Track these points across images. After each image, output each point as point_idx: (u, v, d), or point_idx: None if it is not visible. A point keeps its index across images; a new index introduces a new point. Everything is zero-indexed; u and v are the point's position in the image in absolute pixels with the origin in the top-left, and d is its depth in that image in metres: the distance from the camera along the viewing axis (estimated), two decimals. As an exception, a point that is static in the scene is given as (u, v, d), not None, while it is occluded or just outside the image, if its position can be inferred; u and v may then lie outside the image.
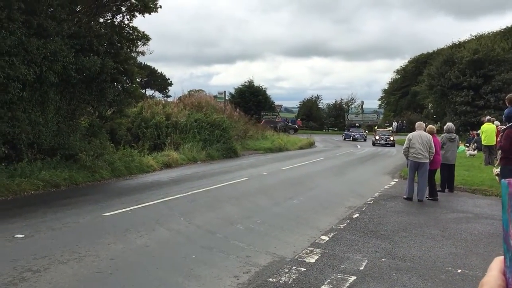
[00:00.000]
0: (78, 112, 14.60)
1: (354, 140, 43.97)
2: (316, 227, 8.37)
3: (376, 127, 49.36)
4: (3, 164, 11.46)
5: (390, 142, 36.33)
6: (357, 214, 9.57)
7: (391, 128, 50.66)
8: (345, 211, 9.92)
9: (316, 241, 7.35)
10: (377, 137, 37.64)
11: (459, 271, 5.99)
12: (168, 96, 56.45)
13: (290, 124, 55.27)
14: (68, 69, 12.76)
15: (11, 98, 11.51)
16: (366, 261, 6.32)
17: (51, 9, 12.63)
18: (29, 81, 11.73)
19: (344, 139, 45.06)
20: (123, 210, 9.30)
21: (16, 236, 7.04)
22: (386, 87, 75.66)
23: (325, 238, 7.55)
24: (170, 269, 5.76)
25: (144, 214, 9.08)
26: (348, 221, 8.88)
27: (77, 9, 14.01)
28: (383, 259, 6.43)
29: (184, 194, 11.32)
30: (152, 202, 10.21)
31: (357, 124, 51.28)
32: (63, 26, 12.57)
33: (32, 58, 11.66)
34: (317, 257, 6.44)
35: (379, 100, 77.75)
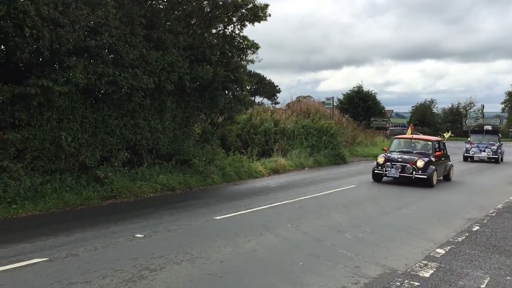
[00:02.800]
0: (192, 119, 15.37)
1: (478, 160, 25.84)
2: (430, 239, 7.88)
3: None
4: (126, 168, 12.44)
5: None
6: (477, 227, 8.86)
7: None
8: (463, 223, 9.23)
9: (431, 254, 6.92)
10: None
11: None
12: (277, 103, 57.39)
13: (400, 129, 53.01)
14: (183, 78, 13.51)
15: (133, 107, 12.49)
16: (488, 278, 5.81)
17: (169, 23, 13.49)
18: (149, 91, 12.63)
19: (466, 158, 26.01)
20: (233, 214, 9.58)
21: (136, 235, 7.58)
22: (510, 89, 69.36)
23: (441, 251, 7.08)
24: (277, 276, 5.78)
25: (252, 219, 9.26)
26: (467, 234, 8.25)
27: (192, 22, 14.78)
28: (508, 277, 5.85)
29: (292, 200, 11.36)
30: (260, 208, 10.38)
31: (487, 127, 27.35)
32: (179, 38, 13.35)
33: (152, 69, 12.54)
34: (432, 271, 6.05)
35: (502, 103, 71.49)
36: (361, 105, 52.83)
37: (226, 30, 15.67)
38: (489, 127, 27.41)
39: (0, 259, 6.11)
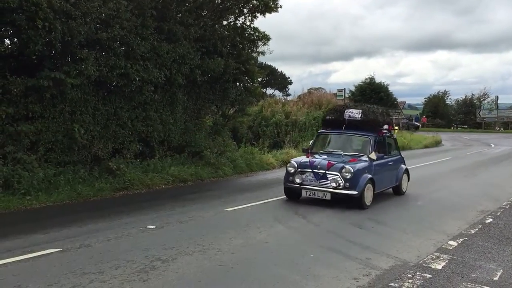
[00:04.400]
0: (203, 111, 15.39)
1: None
2: (442, 231, 7.83)
3: None
4: (138, 160, 12.51)
5: None
6: (491, 219, 8.78)
7: None
8: (476, 215, 9.15)
9: (443, 246, 6.87)
10: None
11: None
12: (288, 95, 57.19)
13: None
14: (195, 71, 13.52)
15: (145, 99, 12.53)
16: (501, 271, 5.76)
17: (180, 15, 13.47)
18: (160, 83, 12.66)
19: (289, 193, 10.76)
20: (244, 206, 9.60)
21: (148, 227, 7.63)
22: (525, 80, 68.26)
23: (453, 243, 7.03)
24: (288, 267, 5.79)
25: (263, 210, 9.28)
26: (480, 226, 8.18)
27: (203, 14, 14.75)
28: (522, 271, 5.79)
29: (303, 192, 11.32)
30: (271, 199, 10.39)
31: (351, 114, 10.54)
32: (190, 30, 13.33)
33: (163, 62, 12.55)
34: (444, 263, 6.02)
35: (517, 94, 70.49)
36: (373, 97, 52.34)
37: (237, 22, 15.62)
38: (356, 114, 10.54)
39: (14, 250, 6.20)
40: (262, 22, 41.29)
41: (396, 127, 22.78)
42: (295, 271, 5.62)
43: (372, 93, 53.09)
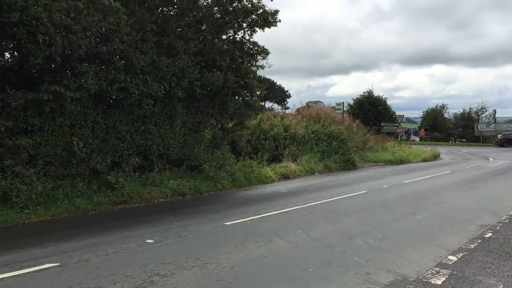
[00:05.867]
0: (202, 125, 15.42)
1: None
2: (442, 245, 7.80)
3: None
4: (137, 173, 12.50)
5: None
6: (490, 234, 8.74)
7: None
8: (475, 230, 9.12)
9: (443, 261, 6.84)
10: None
11: None
12: (287, 108, 57.34)
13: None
14: (194, 84, 13.58)
15: (144, 113, 12.56)
16: (501, 286, 5.73)
17: (179, 29, 13.57)
18: (159, 97, 12.70)
19: None
20: (243, 220, 9.56)
21: (147, 241, 7.60)
22: (522, 94, 68.59)
23: (453, 258, 6.99)
24: (288, 282, 5.75)
25: (262, 224, 9.24)
26: (480, 241, 8.14)
27: (203, 28, 14.85)
28: (522, 286, 5.76)
29: (302, 206, 11.32)
30: (270, 213, 10.35)
31: None
32: (189, 44, 13.42)
33: (162, 76, 12.61)
34: (444, 278, 5.98)
35: (514, 108, 70.71)
36: (371, 110, 52.69)
37: (236, 36, 15.73)
38: None
39: (12, 264, 6.16)
40: (260, 36, 41.64)
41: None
42: (295, 286, 5.58)
43: (370, 106, 53.39)
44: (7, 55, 10.43)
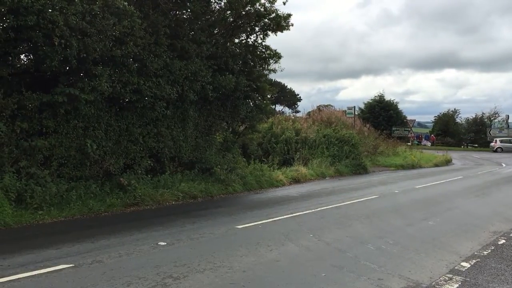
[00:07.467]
0: (214, 128, 15.48)
1: None
2: (455, 252, 7.75)
3: None
4: (149, 176, 12.58)
5: None
6: (504, 240, 8.67)
7: None
8: (489, 236, 9.05)
9: (456, 267, 6.80)
10: None
11: None
12: (297, 111, 57.33)
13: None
14: (206, 88, 13.65)
15: (156, 116, 12.65)
16: (516, 294, 5.68)
17: (192, 33, 13.66)
18: (172, 100, 12.78)
19: None
20: (254, 223, 9.58)
21: (159, 243, 7.64)
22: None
23: (466, 265, 6.95)
24: (300, 286, 5.75)
25: (274, 228, 9.24)
26: (493, 248, 8.08)
27: (215, 32, 14.93)
28: (537, 294, 5.71)
29: (313, 210, 11.30)
30: (282, 217, 10.35)
31: None
32: (202, 48, 13.49)
33: (175, 79, 12.70)
34: (457, 285, 5.95)
35: (528, 114, 69.82)
36: (382, 114, 52.47)
37: (248, 40, 15.78)
38: None
39: (27, 265, 6.24)
40: (271, 40, 41.65)
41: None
42: (307, 291, 5.58)
43: (381, 110, 53.16)
44: (23, 57, 10.56)
